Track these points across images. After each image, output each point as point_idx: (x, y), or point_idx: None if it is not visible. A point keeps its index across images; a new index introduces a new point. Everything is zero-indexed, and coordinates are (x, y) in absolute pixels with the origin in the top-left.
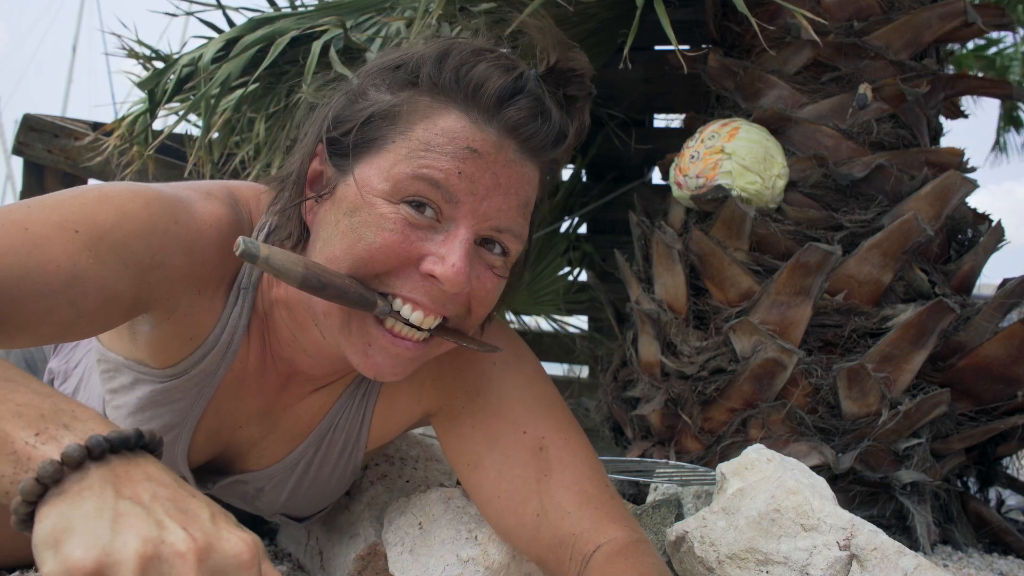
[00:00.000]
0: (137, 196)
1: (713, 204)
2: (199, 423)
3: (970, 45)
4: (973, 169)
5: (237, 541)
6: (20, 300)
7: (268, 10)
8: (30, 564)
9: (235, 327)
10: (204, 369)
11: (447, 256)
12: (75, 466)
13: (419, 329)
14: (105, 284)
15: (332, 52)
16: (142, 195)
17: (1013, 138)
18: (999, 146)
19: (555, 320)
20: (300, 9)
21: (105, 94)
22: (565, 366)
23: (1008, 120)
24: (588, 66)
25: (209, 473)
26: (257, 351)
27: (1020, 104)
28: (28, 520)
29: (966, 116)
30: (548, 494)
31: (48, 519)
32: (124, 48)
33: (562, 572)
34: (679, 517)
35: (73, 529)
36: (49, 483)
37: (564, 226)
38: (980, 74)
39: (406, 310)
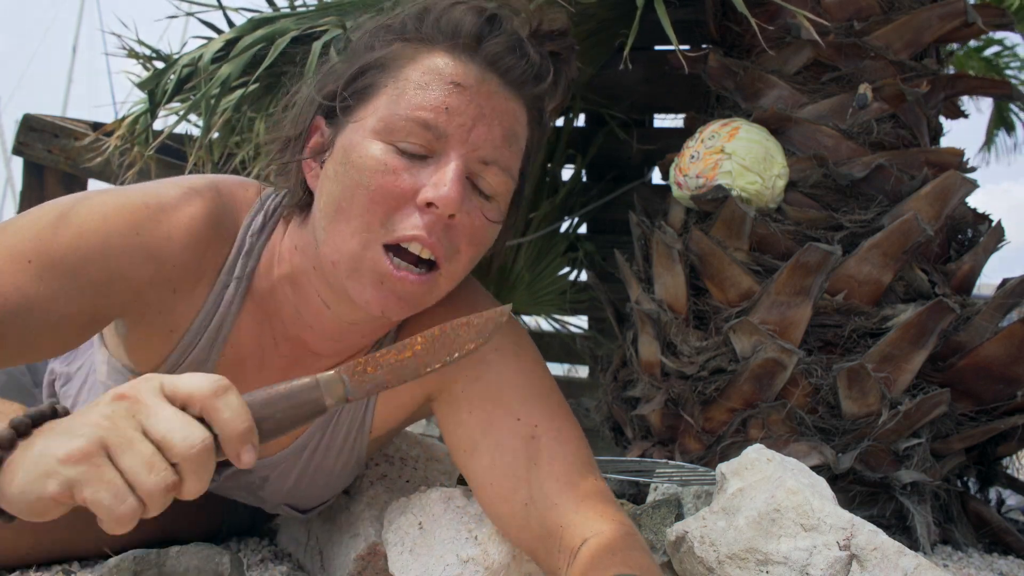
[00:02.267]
0: (95, 212)
1: (713, 204)
2: None
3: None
4: (973, 169)
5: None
6: None
7: (268, 10)
8: (29, 564)
9: (224, 315)
10: (195, 359)
11: (439, 182)
12: (8, 446)
13: (420, 261)
14: (55, 309)
15: (332, 52)
16: (101, 209)
17: (1004, 139)
18: (989, 146)
19: (555, 320)
20: (300, 9)
21: (105, 94)
22: (565, 366)
23: (999, 121)
24: (567, 23)
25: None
26: (253, 335)
27: (1012, 106)
28: None
29: (966, 116)
30: (537, 483)
31: (6, 485)
32: (124, 48)
33: (551, 563)
34: (679, 517)
35: (28, 473)
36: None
37: (564, 226)
38: (974, 74)
39: (415, 247)
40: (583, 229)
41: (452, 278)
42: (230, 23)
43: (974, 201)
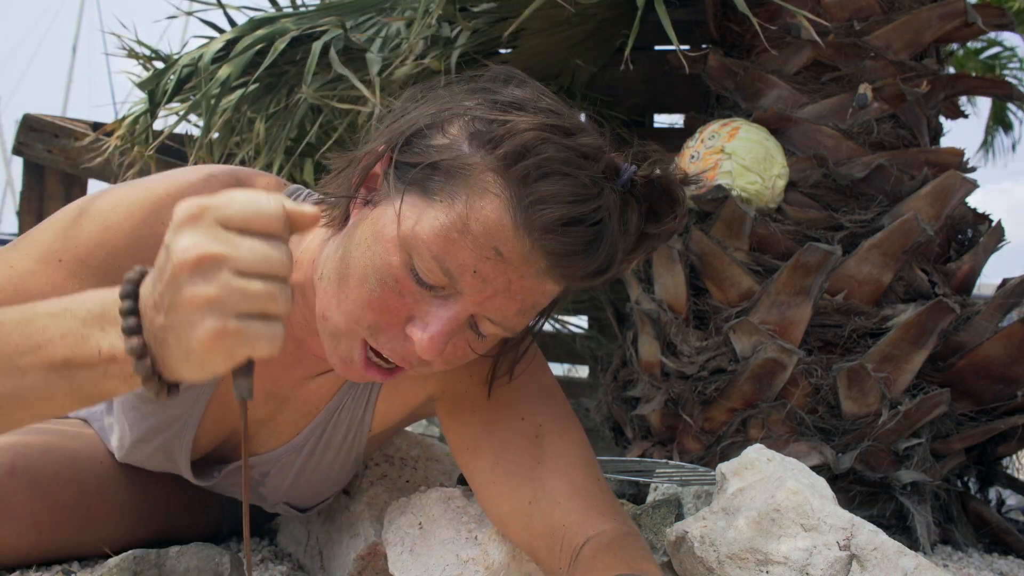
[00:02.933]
0: (119, 205)
1: (713, 204)
2: (207, 409)
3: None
4: (973, 169)
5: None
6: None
7: (268, 9)
8: (30, 564)
9: None
10: None
11: (429, 325)
12: (137, 329)
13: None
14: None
15: (332, 52)
16: (125, 202)
17: (1001, 139)
18: (986, 146)
19: (555, 320)
20: (300, 9)
21: (105, 94)
22: (565, 366)
23: (997, 121)
24: (686, 198)
25: (215, 464)
26: None
27: (1010, 106)
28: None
29: (966, 116)
30: (540, 482)
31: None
32: (124, 48)
33: (552, 563)
34: (679, 517)
35: (176, 331)
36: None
37: None
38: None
39: (383, 359)
40: None
41: (434, 370)
42: (232, 22)
43: (973, 201)
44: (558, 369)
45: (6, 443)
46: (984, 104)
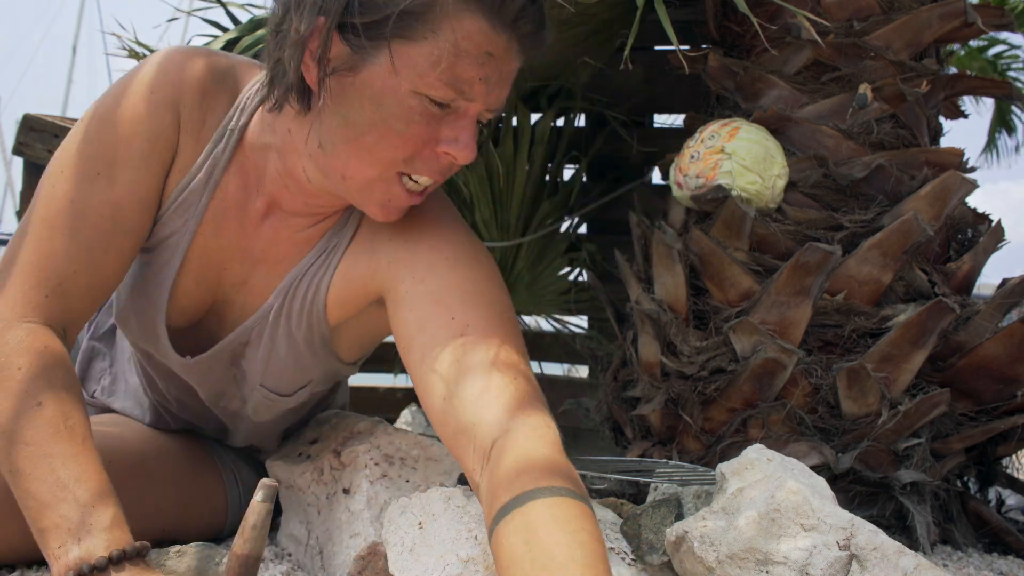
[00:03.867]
0: (124, 97)
1: (713, 204)
2: (187, 264)
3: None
4: (973, 169)
5: None
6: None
7: (269, 7)
8: (32, 562)
9: (215, 163)
10: (188, 199)
11: (460, 138)
12: None
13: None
14: (136, 193)
15: None
16: (127, 93)
17: (1005, 140)
18: (990, 148)
19: (555, 320)
20: None
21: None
22: (565, 366)
23: (1000, 122)
24: None
25: (200, 349)
26: (239, 185)
27: (1013, 108)
28: None
29: (966, 116)
30: (455, 380)
31: None
32: (124, 48)
33: (466, 463)
34: (679, 517)
35: None
36: None
37: (564, 226)
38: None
39: (424, 180)
40: (583, 229)
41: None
42: (235, 20)
43: (971, 201)
44: (558, 369)
45: None
46: (988, 105)
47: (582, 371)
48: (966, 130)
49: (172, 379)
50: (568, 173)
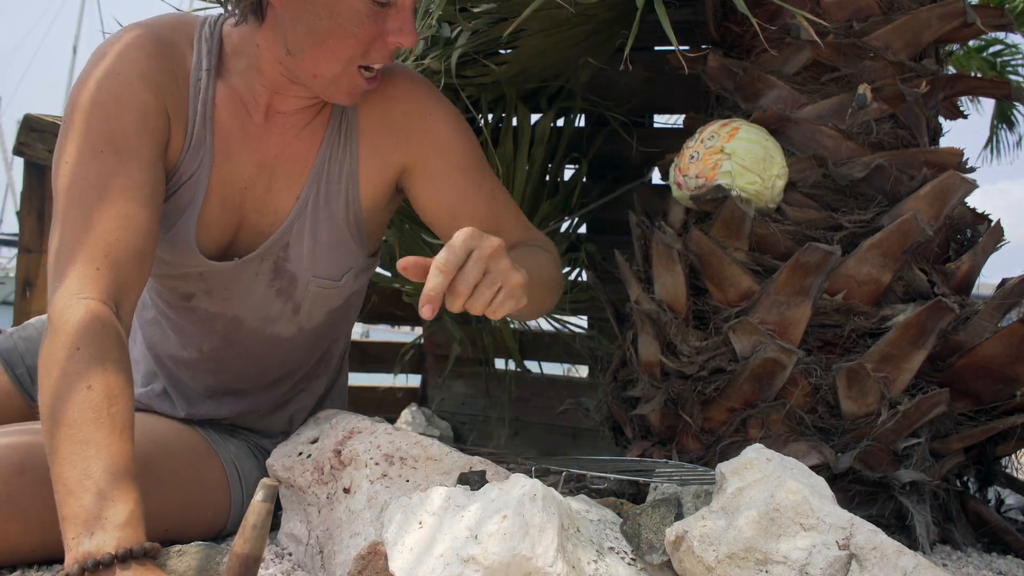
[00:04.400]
0: (99, 84)
1: (713, 204)
2: (210, 195)
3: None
4: (972, 169)
5: None
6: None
7: None
8: (33, 562)
9: (204, 100)
10: (195, 144)
11: (404, 28)
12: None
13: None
14: (141, 159)
15: None
16: (100, 80)
17: (1006, 136)
18: (991, 144)
19: (555, 320)
20: None
21: None
22: (565, 366)
23: (1001, 118)
24: None
25: (239, 261)
26: (231, 111)
27: (1016, 104)
28: None
29: (965, 116)
30: (498, 232)
31: None
32: None
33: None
34: (679, 517)
35: None
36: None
37: (564, 226)
38: (978, 74)
39: (377, 66)
40: (583, 229)
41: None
42: None
43: (971, 200)
44: (558, 369)
45: (17, 442)
46: (988, 102)
47: (582, 371)
48: (966, 127)
49: (212, 325)
50: (568, 173)
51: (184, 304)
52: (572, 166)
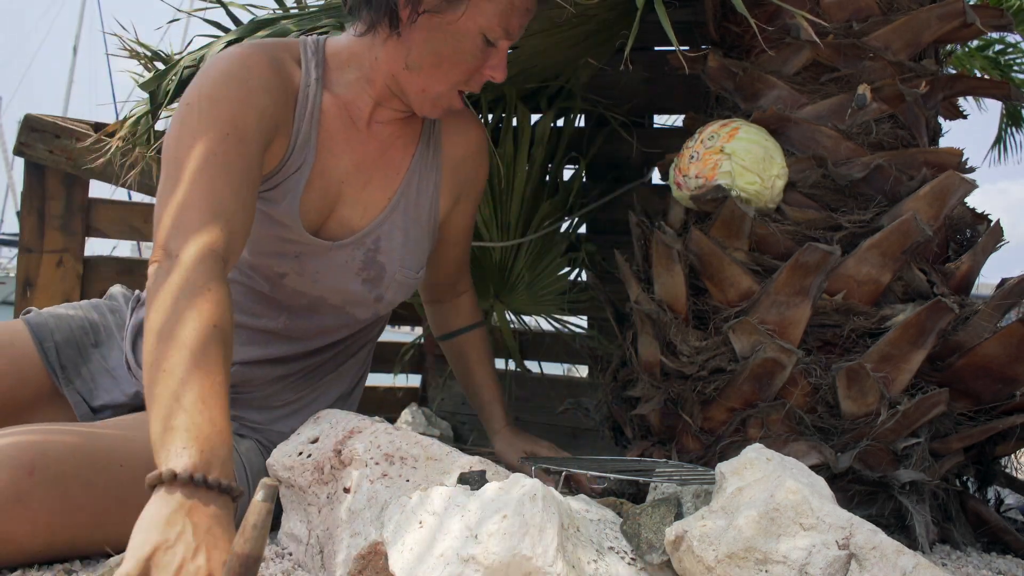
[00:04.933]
0: (227, 83)
1: (712, 204)
2: (311, 184)
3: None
4: (972, 169)
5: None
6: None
7: (270, 6)
8: (36, 563)
9: (313, 107)
10: (300, 142)
11: (498, 66)
12: (184, 482)
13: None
14: (257, 150)
15: None
16: (226, 82)
17: (1013, 135)
18: (1000, 143)
19: (555, 320)
20: (303, 10)
21: (106, 94)
22: (565, 366)
23: (1010, 117)
24: None
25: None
26: (336, 115)
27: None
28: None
29: (965, 116)
30: (460, 265)
31: (147, 508)
32: (125, 48)
33: (436, 292)
34: (678, 516)
35: (151, 527)
36: (156, 484)
37: (564, 226)
38: (980, 74)
39: (471, 91)
40: (583, 229)
41: None
42: (236, 20)
43: (971, 201)
44: (558, 369)
45: (28, 441)
46: (995, 101)
47: (582, 371)
48: (974, 127)
49: (297, 301)
50: (568, 173)
51: (276, 283)
52: (572, 166)
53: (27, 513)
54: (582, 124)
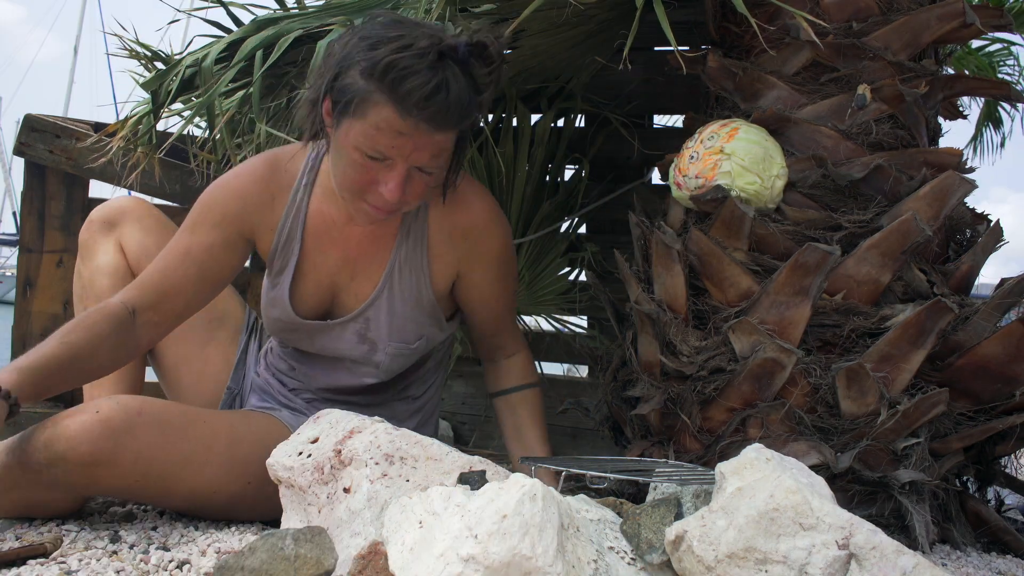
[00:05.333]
0: (211, 189)
1: (712, 204)
2: (302, 278)
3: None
4: (972, 170)
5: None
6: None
7: (271, 7)
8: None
9: (300, 204)
10: (287, 239)
11: (387, 182)
12: None
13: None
14: (202, 246)
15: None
16: (213, 187)
17: (991, 136)
18: (976, 141)
19: (555, 320)
20: (305, 10)
21: (106, 94)
22: (565, 366)
23: (987, 117)
24: (495, 42)
25: (331, 321)
26: (321, 215)
27: (1003, 104)
28: None
29: (965, 117)
30: (498, 323)
31: None
32: (125, 48)
33: (494, 350)
34: (678, 516)
35: None
36: None
37: (564, 226)
38: (968, 73)
39: (379, 206)
40: (583, 229)
41: (415, 205)
42: (237, 21)
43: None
44: (558, 369)
45: (136, 395)
46: (976, 101)
47: (582, 371)
48: (963, 128)
49: (316, 357)
50: (568, 173)
51: (297, 348)
52: (572, 166)
53: (133, 443)
54: (582, 124)
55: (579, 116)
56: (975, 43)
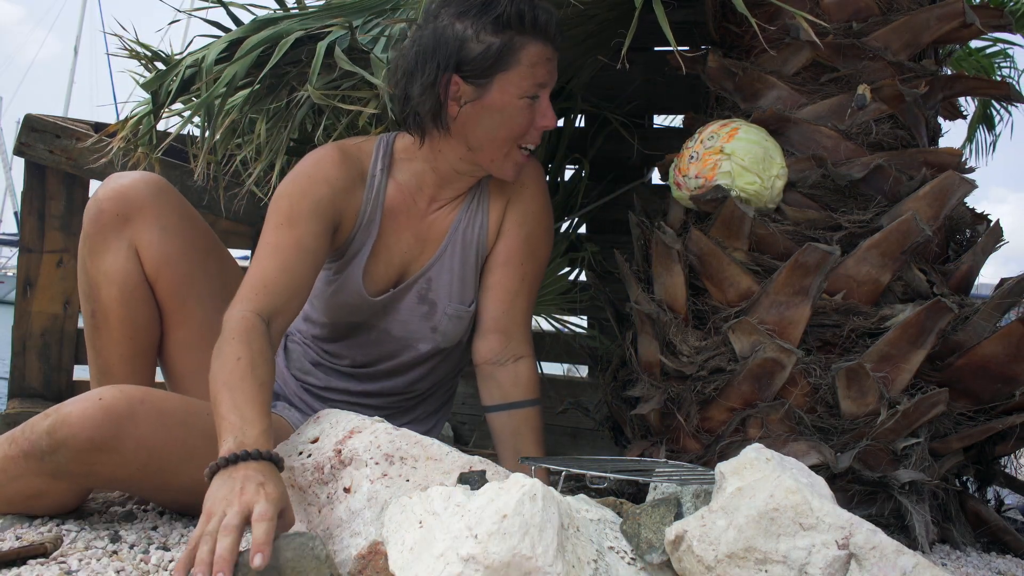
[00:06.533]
0: (294, 180)
1: (712, 204)
2: (374, 256)
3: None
4: (972, 170)
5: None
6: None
7: (271, 7)
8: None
9: (378, 187)
10: (366, 222)
11: (546, 114)
12: (224, 465)
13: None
14: (308, 234)
15: (338, 51)
16: (294, 179)
17: (983, 136)
18: (969, 141)
19: (555, 320)
20: (304, 10)
21: (107, 95)
22: (565, 366)
23: (981, 118)
24: None
25: (395, 290)
26: (400, 198)
27: (995, 104)
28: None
29: (965, 117)
30: (512, 302)
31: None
32: (125, 48)
33: (487, 343)
34: (678, 516)
35: (214, 498)
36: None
37: (564, 226)
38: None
39: (530, 145)
40: (583, 229)
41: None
42: (237, 21)
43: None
44: (558, 369)
45: (139, 386)
46: (970, 101)
47: (582, 371)
48: (960, 128)
49: (366, 337)
50: (568, 173)
51: (351, 330)
52: (572, 166)
53: (135, 430)
54: (582, 124)
55: (579, 116)
56: (975, 43)
